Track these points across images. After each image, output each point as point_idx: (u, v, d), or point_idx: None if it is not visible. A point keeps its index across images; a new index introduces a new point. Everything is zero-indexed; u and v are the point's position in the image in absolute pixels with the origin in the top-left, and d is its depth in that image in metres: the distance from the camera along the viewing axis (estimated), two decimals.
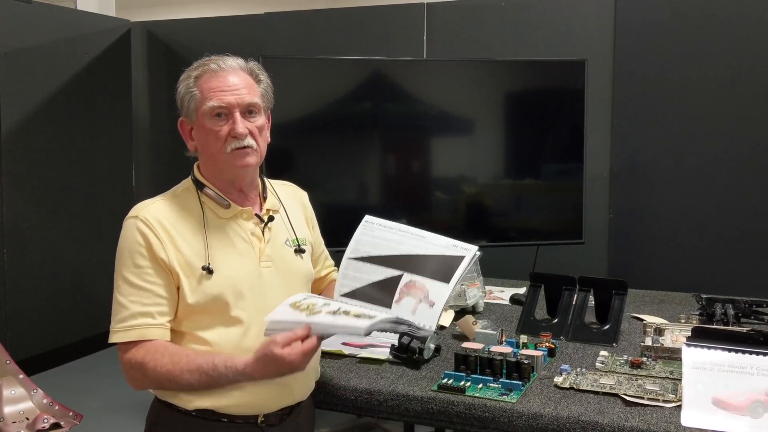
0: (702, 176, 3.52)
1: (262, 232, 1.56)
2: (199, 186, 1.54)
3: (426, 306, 1.55)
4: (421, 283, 1.58)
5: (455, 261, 1.60)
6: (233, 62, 1.54)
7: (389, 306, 1.55)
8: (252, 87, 1.53)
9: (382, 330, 1.46)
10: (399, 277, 1.59)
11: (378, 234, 1.69)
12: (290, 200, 1.68)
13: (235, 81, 1.50)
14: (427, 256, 1.62)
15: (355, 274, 1.64)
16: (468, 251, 1.62)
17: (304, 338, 1.33)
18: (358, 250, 1.68)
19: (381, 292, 1.59)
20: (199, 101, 1.49)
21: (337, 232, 1.80)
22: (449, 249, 1.63)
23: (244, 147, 1.50)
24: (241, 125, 1.49)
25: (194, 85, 1.50)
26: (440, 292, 1.56)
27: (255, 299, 1.51)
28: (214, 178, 1.54)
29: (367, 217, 1.73)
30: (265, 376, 1.36)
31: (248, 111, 1.51)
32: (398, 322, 1.51)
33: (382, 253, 1.64)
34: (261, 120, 1.54)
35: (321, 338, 1.38)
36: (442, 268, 1.59)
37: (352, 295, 1.61)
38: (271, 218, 1.58)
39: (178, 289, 1.46)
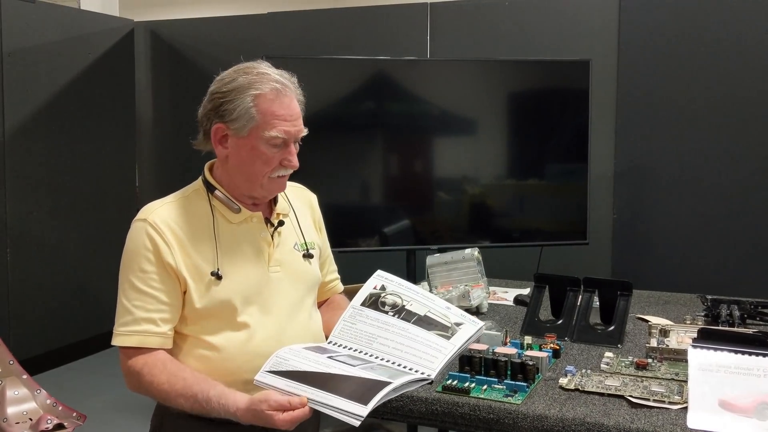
0: (706, 176, 3.50)
1: (272, 236, 1.55)
2: (210, 189, 1.53)
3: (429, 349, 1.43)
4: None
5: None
6: (287, 81, 1.49)
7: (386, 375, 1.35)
8: (301, 113, 1.51)
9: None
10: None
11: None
12: (299, 203, 1.67)
13: (294, 108, 1.48)
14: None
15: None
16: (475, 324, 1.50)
17: (296, 408, 1.28)
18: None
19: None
20: (259, 125, 1.44)
21: (339, 233, 1.80)
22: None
23: (287, 174, 1.51)
24: (296, 158, 1.49)
25: (253, 105, 1.44)
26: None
27: (263, 304, 1.50)
28: (233, 186, 1.52)
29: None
30: (252, 424, 1.34)
31: (296, 140, 1.51)
32: (398, 389, 1.33)
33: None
34: (299, 144, 1.53)
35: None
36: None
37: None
38: (281, 223, 1.57)
39: (185, 293, 1.45)
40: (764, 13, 3.37)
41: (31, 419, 2.82)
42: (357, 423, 1.25)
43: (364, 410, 1.24)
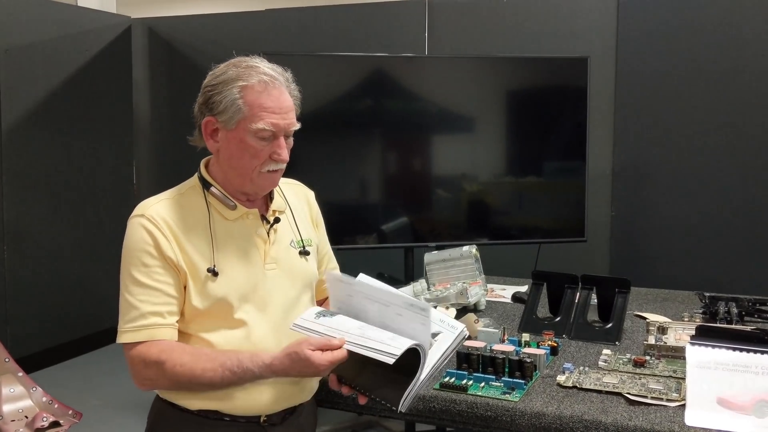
0: (704, 174, 3.50)
1: (268, 233, 1.54)
2: (206, 185, 1.52)
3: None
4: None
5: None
6: (278, 75, 1.48)
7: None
8: (293, 107, 1.49)
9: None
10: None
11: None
12: (296, 200, 1.66)
13: (284, 101, 1.46)
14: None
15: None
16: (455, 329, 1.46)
17: (335, 348, 1.32)
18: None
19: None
20: (246, 117, 1.43)
21: (337, 230, 1.79)
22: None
23: (278, 169, 1.50)
24: (285, 151, 1.47)
25: (240, 97, 1.43)
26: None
27: (259, 302, 1.49)
28: (227, 182, 1.51)
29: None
30: (289, 374, 1.36)
31: (287, 134, 1.49)
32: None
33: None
34: (292, 139, 1.52)
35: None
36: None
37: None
38: (277, 220, 1.56)
39: (185, 288, 1.45)
40: (764, 12, 3.36)
41: (27, 417, 2.82)
42: (392, 360, 1.24)
43: (398, 350, 1.24)
